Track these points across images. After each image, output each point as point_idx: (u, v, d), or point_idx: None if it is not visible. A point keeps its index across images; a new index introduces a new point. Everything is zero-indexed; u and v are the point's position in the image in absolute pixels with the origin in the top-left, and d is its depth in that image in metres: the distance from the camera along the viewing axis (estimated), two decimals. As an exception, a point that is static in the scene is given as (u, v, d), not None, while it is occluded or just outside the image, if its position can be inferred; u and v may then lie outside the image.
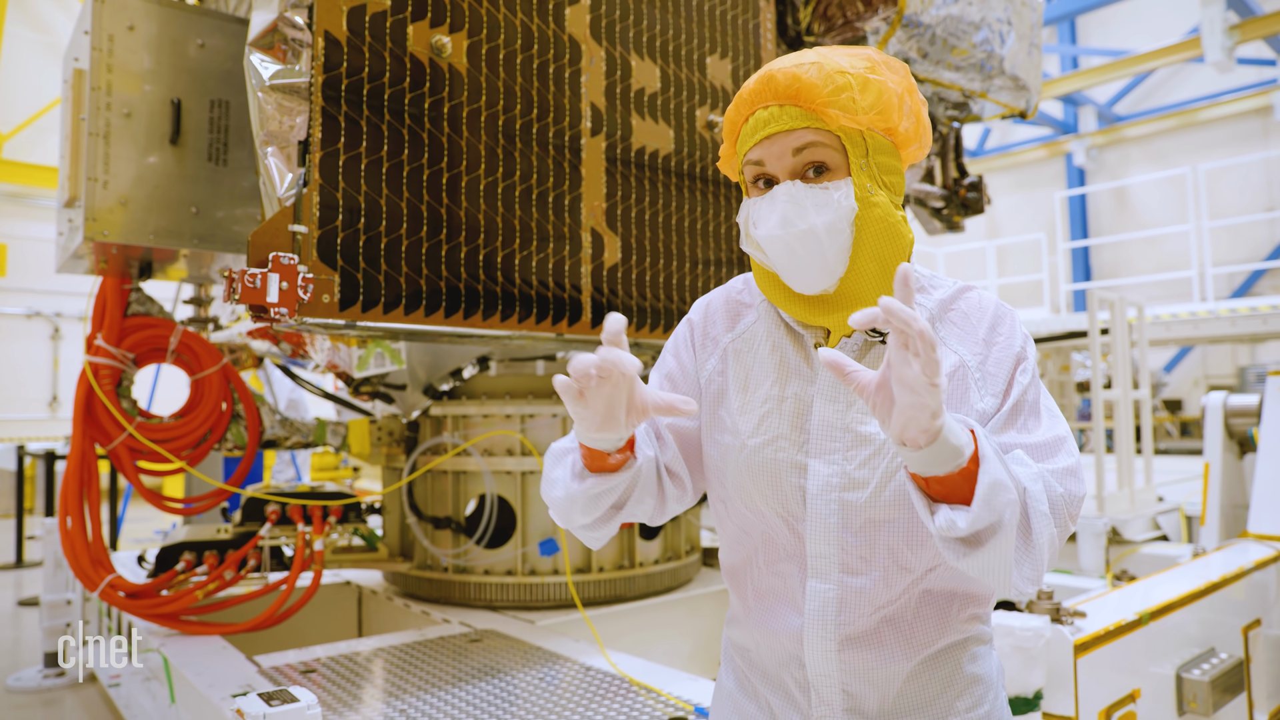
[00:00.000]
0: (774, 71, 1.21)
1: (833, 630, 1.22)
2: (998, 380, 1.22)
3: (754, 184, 1.26)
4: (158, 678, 3.19)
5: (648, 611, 3.62)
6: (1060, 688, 2.44)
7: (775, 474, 1.25)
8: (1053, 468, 1.16)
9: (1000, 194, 16.65)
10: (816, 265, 1.20)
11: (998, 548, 1.04)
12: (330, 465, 10.67)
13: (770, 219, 1.20)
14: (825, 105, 1.18)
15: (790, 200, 1.19)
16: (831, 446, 1.22)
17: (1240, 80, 13.96)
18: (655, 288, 2.87)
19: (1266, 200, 13.60)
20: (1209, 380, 14.18)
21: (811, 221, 1.18)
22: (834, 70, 1.18)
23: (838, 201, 1.19)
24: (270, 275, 1.97)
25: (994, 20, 3.78)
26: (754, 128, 1.23)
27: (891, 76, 1.23)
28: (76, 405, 3.24)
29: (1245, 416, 4.70)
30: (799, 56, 1.23)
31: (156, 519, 10.01)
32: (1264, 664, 3.51)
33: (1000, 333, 1.25)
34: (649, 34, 2.90)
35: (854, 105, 1.18)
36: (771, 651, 1.31)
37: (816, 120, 1.19)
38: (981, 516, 1.01)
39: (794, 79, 1.19)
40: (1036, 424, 1.21)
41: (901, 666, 1.23)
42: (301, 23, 2.20)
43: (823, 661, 1.23)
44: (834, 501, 1.21)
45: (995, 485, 1.01)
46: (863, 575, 1.21)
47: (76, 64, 3.01)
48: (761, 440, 1.27)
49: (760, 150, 1.23)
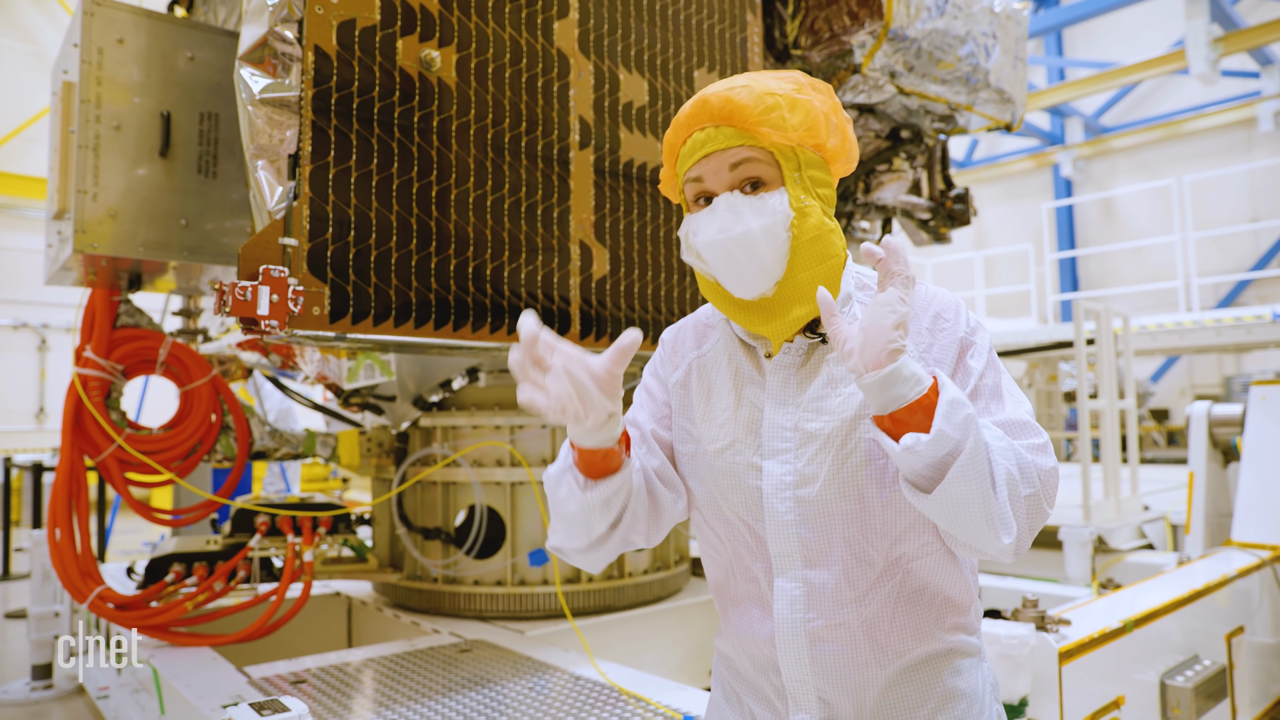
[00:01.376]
0: (708, 96, 1.27)
1: (801, 628, 1.24)
2: (943, 365, 1.26)
3: (695, 201, 1.31)
4: (147, 689, 3.18)
5: (637, 621, 3.63)
6: (1045, 695, 2.46)
7: (735, 477, 1.30)
8: (1022, 443, 1.19)
9: (988, 205, 16.77)
10: (755, 269, 1.25)
11: (963, 476, 1.07)
12: (319, 477, 10.65)
13: (710, 227, 1.26)
14: (757, 124, 1.24)
15: (729, 208, 1.25)
16: (782, 447, 1.27)
17: (1225, 92, 14.12)
18: (644, 299, 2.89)
19: (1251, 211, 13.73)
20: (1195, 390, 14.28)
21: (749, 225, 1.24)
22: (764, 92, 1.25)
23: (773, 208, 1.24)
24: (261, 288, 1.98)
25: (979, 34, 3.83)
26: (692, 148, 1.29)
27: (817, 97, 1.29)
28: (65, 417, 3.24)
29: (1229, 426, 4.75)
30: (730, 82, 1.29)
31: (144, 531, 9.96)
32: (1246, 670, 3.54)
33: (944, 320, 1.30)
34: (637, 48, 2.93)
35: (784, 123, 1.24)
36: (751, 659, 1.34)
37: (750, 138, 1.25)
38: (944, 433, 1.06)
39: (726, 101, 1.25)
40: (999, 407, 1.24)
41: (875, 673, 1.25)
42: (291, 37, 2.22)
43: (795, 665, 1.26)
44: (789, 499, 1.25)
45: (955, 402, 1.08)
46: (824, 569, 1.25)
47: (66, 76, 3.02)
48: (720, 446, 1.33)
49: (699, 168, 1.28)
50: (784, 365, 1.31)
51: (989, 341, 1.32)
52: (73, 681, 4.71)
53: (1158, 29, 14.44)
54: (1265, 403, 4.49)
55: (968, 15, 3.76)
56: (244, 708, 1.91)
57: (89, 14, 2.88)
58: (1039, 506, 1.17)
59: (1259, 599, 3.82)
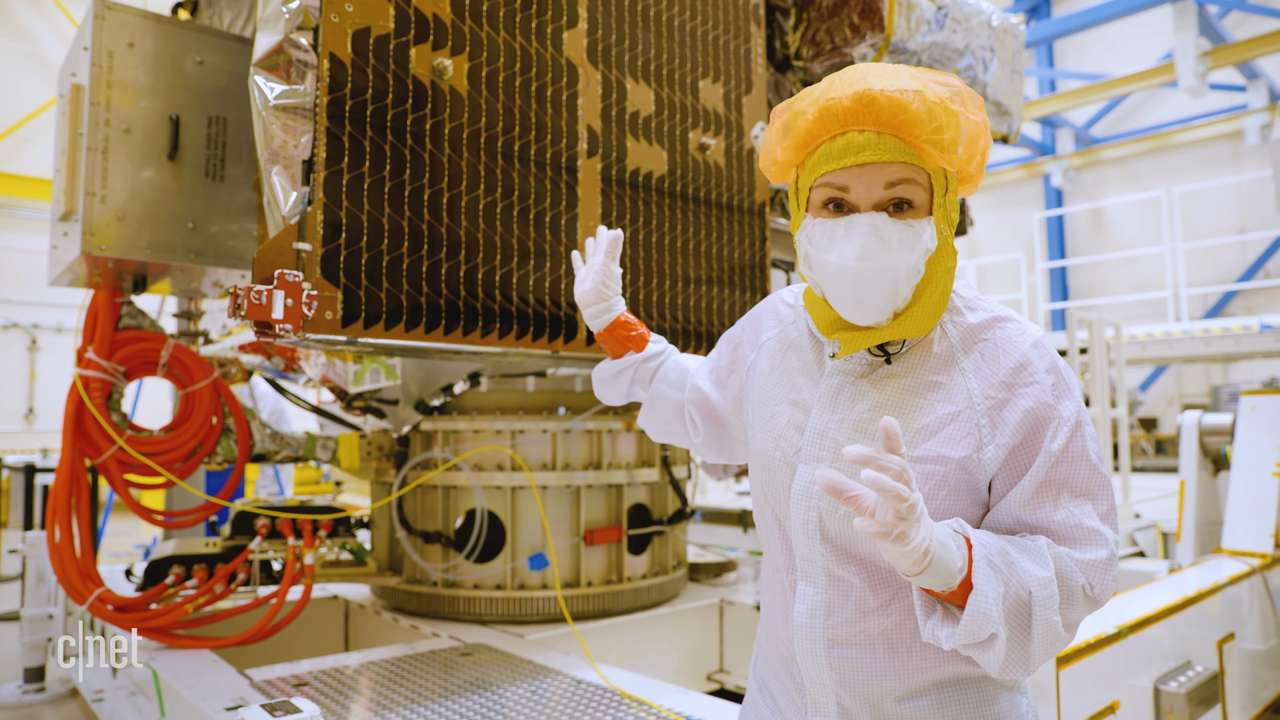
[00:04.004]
0: (875, 94, 1.11)
1: (820, 634, 1.22)
2: (1008, 431, 1.15)
3: (823, 205, 1.18)
4: (144, 692, 3.18)
5: (635, 626, 3.65)
6: (1043, 699, 2.49)
7: (771, 470, 1.30)
8: (1081, 558, 1.11)
9: (980, 214, 16.87)
10: (885, 301, 1.15)
11: (982, 654, 1.08)
12: (311, 480, 10.61)
13: (846, 248, 1.13)
14: (926, 142, 1.12)
15: (873, 233, 1.12)
16: (819, 454, 1.24)
17: (1213, 105, 14.26)
18: (649, 306, 2.92)
19: (1238, 223, 13.87)
20: (1183, 399, 14.40)
21: (894, 259, 1.13)
22: (935, 104, 1.12)
23: (923, 241, 1.14)
24: (275, 292, 2.00)
25: (977, 47, 3.88)
26: (843, 150, 1.13)
27: (977, 115, 1.17)
28: (66, 418, 3.24)
29: (1219, 435, 4.81)
30: (895, 79, 1.13)
31: (136, 533, 9.91)
32: (1237, 676, 3.59)
33: (1027, 378, 1.16)
34: (644, 58, 2.96)
35: (950, 146, 1.13)
36: (776, 653, 1.34)
37: (914, 156, 1.13)
38: (963, 639, 1.05)
39: (900, 108, 1.11)
40: (1069, 506, 1.13)
41: (893, 684, 1.20)
42: (306, 44, 2.24)
43: (814, 668, 1.24)
44: (813, 508, 1.23)
45: (979, 618, 1.03)
46: (845, 580, 1.22)
47: (75, 79, 3.03)
48: (767, 436, 1.32)
49: (848, 176, 1.14)
50: (844, 370, 1.25)
51: (1077, 413, 1.16)
52: (66, 684, 4.69)
53: (1147, 42, 14.58)
54: (1255, 412, 4.55)
55: (966, 29, 3.81)
56: (256, 709, 1.92)
57: (100, 18, 2.89)
58: (1076, 622, 1.12)
59: (1249, 606, 3.87)
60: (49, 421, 12.40)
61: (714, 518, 6.42)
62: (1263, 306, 13.31)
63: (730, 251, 3.19)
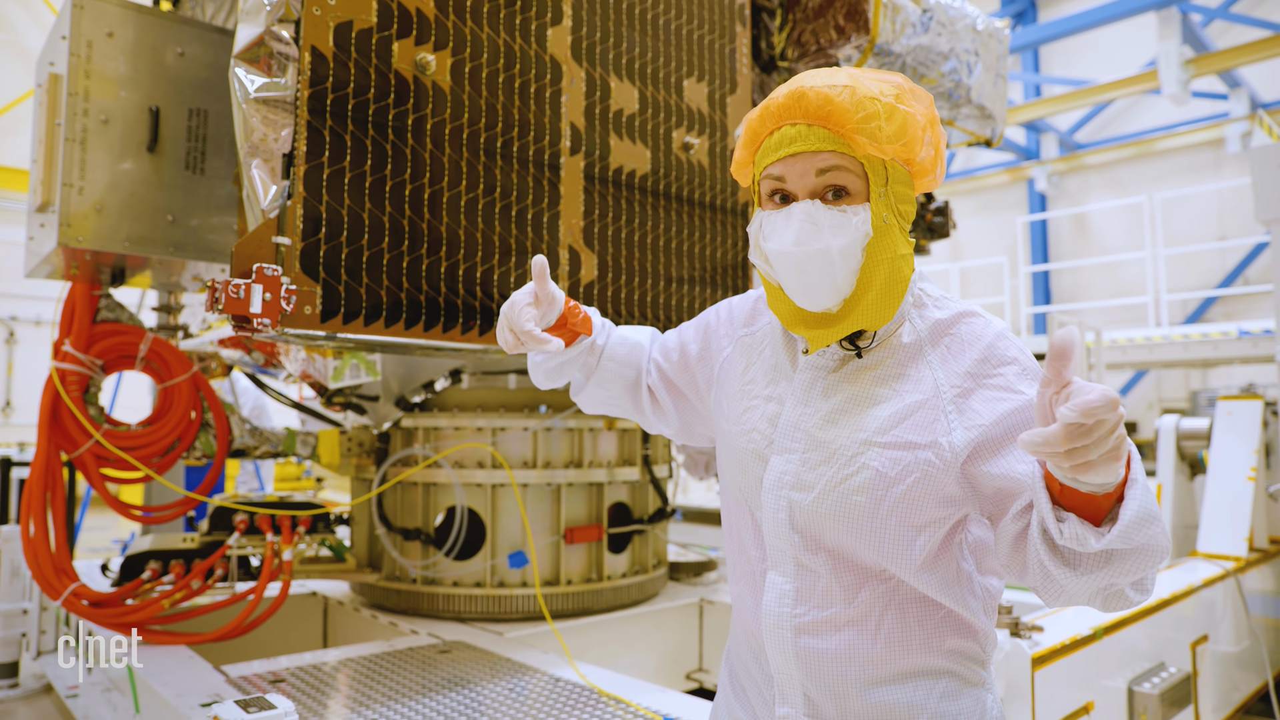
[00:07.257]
0: (806, 89, 1.19)
1: (788, 622, 1.24)
2: (977, 416, 1.18)
3: (769, 197, 1.25)
4: (119, 688, 3.15)
5: (614, 624, 3.65)
6: (1018, 700, 2.51)
7: (744, 464, 1.32)
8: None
9: (964, 217, 16.95)
10: (826, 285, 1.20)
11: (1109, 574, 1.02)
12: (292, 476, 10.54)
13: (785, 235, 1.20)
14: (853, 131, 1.18)
15: (807, 219, 1.19)
16: (791, 445, 1.26)
17: (1195, 113, 14.39)
18: (631, 305, 2.92)
19: (1218, 229, 14.00)
20: (1163, 403, 14.52)
21: (827, 242, 1.18)
22: (865, 96, 1.18)
23: (855, 226, 1.19)
24: (254, 286, 1.99)
25: (962, 51, 3.90)
26: (778, 143, 1.22)
27: (918, 107, 1.22)
28: (42, 411, 3.20)
29: (1196, 439, 4.86)
30: (830, 76, 1.21)
31: (113, 528, 9.82)
32: (1210, 678, 3.63)
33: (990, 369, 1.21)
34: (628, 56, 2.96)
35: (880, 134, 1.18)
36: (747, 645, 1.36)
37: (843, 145, 1.19)
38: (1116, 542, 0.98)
39: (826, 100, 1.18)
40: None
41: (858, 675, 1.22)
42: (288, 37, 2.23)
43: (781, 656, 1.26)
44: (783, 498, 1.25)
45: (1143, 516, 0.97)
46: (813, 570, 1.24)
47: (53, 68, 2.99)
48: (740, 430, 1.34)
49: (782, 166, 1.22)
50: (816, 365, 1.29)
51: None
52: (40, 680, 4.64)
53: (1132, 49, 14.69)
54: (1231, 417, 4.60)
55: (951, 32, 3.83)
56: (230, 704, 1.91)
57: (79, 7, 2.86)
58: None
59: (1222, 608, 3.91)
60: (26, 415, 12.27)
61: (695, 517, 6.43)
62: (1242, 313, 13.44)
63: (712, 251, 3.20)
